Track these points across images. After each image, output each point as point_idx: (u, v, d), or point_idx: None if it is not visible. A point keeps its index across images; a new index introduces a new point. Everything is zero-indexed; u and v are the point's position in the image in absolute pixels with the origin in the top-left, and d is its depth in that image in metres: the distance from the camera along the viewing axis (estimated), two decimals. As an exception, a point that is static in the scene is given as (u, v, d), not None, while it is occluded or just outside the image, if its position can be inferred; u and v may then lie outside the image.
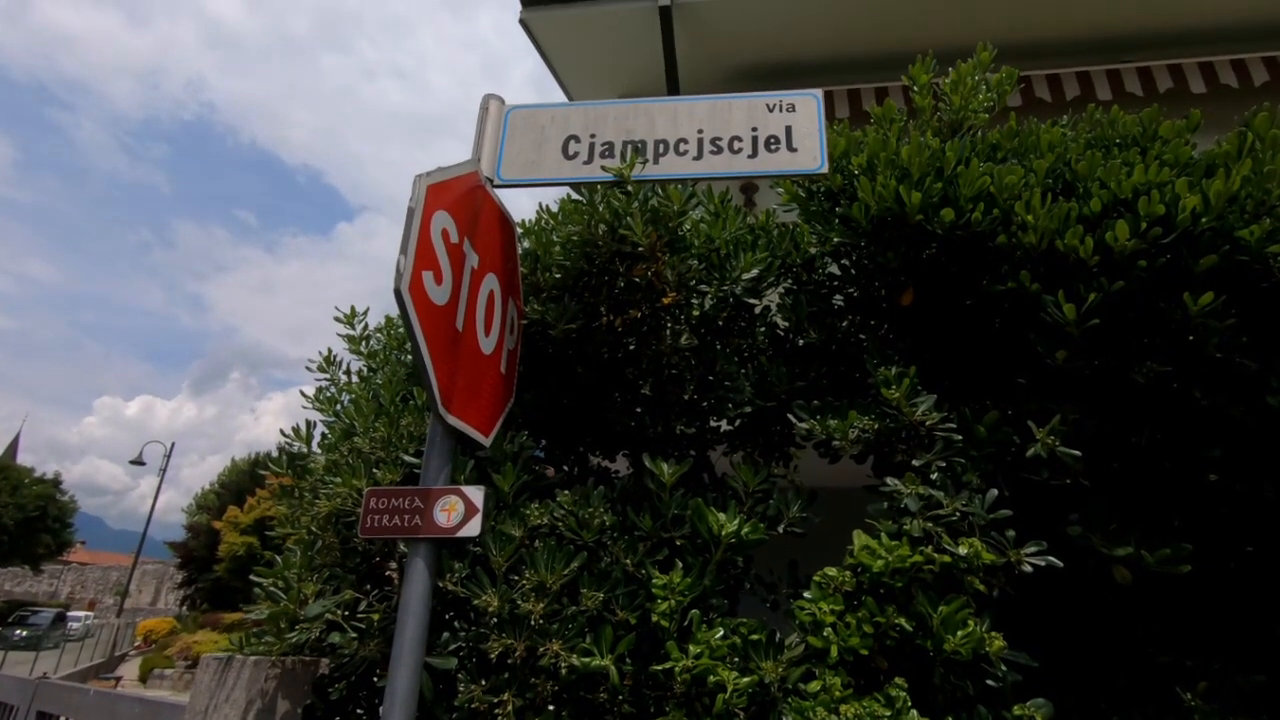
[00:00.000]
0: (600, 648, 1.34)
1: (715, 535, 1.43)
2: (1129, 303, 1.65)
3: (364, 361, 2.66)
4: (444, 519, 1.42)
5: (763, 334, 2.25)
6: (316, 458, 2.17)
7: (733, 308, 2.23)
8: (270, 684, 1.60)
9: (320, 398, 2.45)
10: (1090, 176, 1.81)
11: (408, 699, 1.30)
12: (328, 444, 2.23)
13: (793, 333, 2.26)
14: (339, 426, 2.26)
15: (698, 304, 2.13)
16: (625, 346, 2.02)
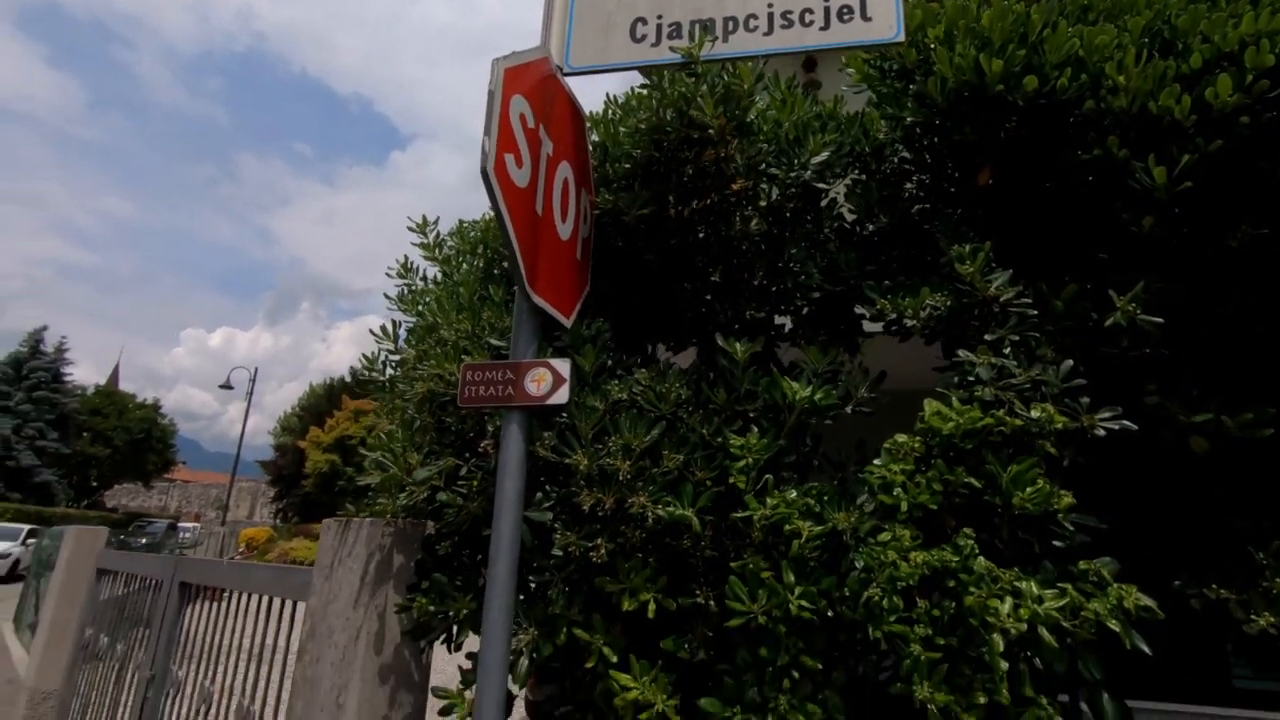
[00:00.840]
0: (683, 501, 1.45)
1: (789, 401, 1.51)
2: (1225, 164, 1.57)
3: (439, 267, 2.79)
4: (534, 388, 1.54)
5: (830, 225, 2.24)
6: (407, 350, 2.32)
7: (800, 197, 2.22)
8: (386, 540, 1.80)
9: (403, 298, 2.60)
10: (1191, 31, 1.69)
11: (511, 545, 1.45)
12: (413, 340, 2.38)
13: (861, 221, 2.25)
14: (423, 324, 2.40)
15: (766, 191, 2.13)
16: (694, 234, 2.05)
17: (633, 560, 1.46)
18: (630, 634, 1.48)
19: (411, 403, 2.03)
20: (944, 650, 1.33)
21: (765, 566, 1.38)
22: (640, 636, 1.47)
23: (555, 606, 1.49)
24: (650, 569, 1.46)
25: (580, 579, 1.53)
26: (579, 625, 1.48)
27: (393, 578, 1.78)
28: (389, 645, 1.75)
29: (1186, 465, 1.73)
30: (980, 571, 1.35)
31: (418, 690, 1.80)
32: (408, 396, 1.97)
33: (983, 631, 1.32)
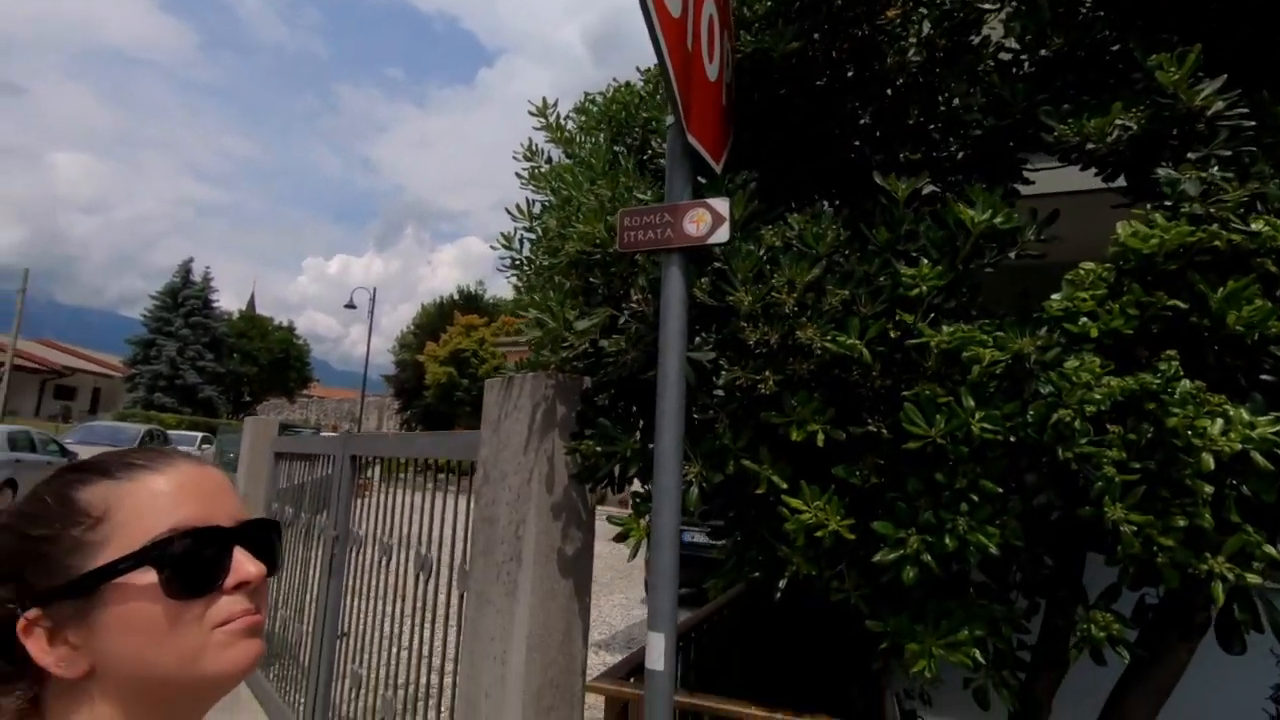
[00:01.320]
0: (850, 332, 1.43)
1: (965, 226, 1.42)
2: None
3: (563, 148, 2.79)
4: (693, 229, 1.54)
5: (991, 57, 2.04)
6: (548, 221, 2.38)
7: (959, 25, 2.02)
8: (549, 392, 1.91)
9: (535, 176, 2.63)
10: None
11: (677, 380, 1.49)
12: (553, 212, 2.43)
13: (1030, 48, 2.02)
14: (559, 199, 2.43)
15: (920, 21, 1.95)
16: (843, 74, 1.93)
17: (800, 393, 1.47)
18: (797, 465, 1.51)
19: (558, 267, 2.09)
20: (1140, 474, 1.28)
21: (943, 393, 1.35)
22: (807, 467, 1.50)
23: (722, 439, 1.54)
24: (817, 401, 1.46)
25: (745, 414, 1.56)
26: (746, 457, 1.53)
27: (557, 426, 1.90)
28: (558, 486, 1.89)
29: None
30: (1185, 392, 1.26)
31: (586, 529, 1.94)
32: (559, 256, 2.02)
33: (1186, 455, 1.25)
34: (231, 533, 0.58)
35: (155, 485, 0.55)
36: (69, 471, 0.57)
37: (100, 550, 0.52)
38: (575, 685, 1.89)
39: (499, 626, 1.89)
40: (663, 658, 1.42)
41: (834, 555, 1.50)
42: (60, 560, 0.51)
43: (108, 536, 0.52)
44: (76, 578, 0.51)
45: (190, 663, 0.54)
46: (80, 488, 0.54)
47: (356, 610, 3.37)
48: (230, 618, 0.56)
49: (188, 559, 0.54)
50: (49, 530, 0.51)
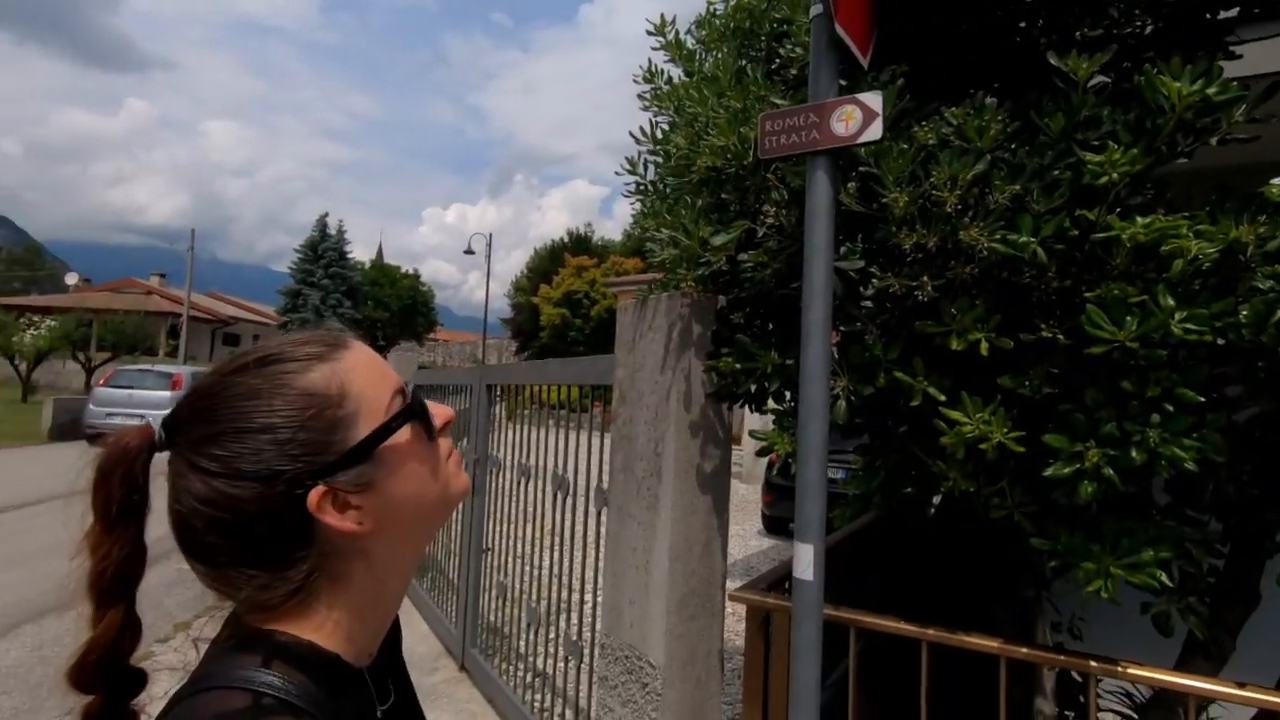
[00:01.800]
0: (1021, 230, 1.31)
1: (1166, 101, 1.24)
2: None
3: (683, 65, 2.69)
4: (841, 128, 1.44)
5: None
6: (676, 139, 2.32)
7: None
8: (684, 311, 1.90)
9: (656, 96, 2.56)
10: None
11: (824, 289, 1.43)
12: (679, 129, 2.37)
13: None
14: (685, 116, 2.36)
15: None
16: (1009, -57, 1.71)
17: (961, 300, 1.37)
18: (956, 377, 1.42)
19: (688, 185, 2.04)
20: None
21: (1134, 292, 1.22)
22: (967, 379, 1.41)
23: (873, 350, 1.48)
24: (980, 308, 1.36)
25: (898, 324, 1.49)
26: (898, 369, 1.46)
27: (693, 345, 1.89)
28: (695, 404, 1.90)
29: None
30: None
31: (723, 446, 1.95)
32: (688, 174, 1.97)
33: None
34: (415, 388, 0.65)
35: (359, 358, 0.60)
36: (261, 365, 0.57)
37: (355, 421, 0.56)
38: (716, 595, 1.94)
39: (641, 538, 1.96)
40: (811, 568, 1.41)
41: (996, 470, 1.42)
42: (325, 439, 0.55)
43: (356, 410, 0.57)
44: (352, 448, 0.55)
45: (445, 490, 0.63)
46: (301, 376, 0.57)
47: (497, 529, 3.62)
48: (450, 451, 0.65)
49: (420, 410, 0.61)
50: (301, 418, 0.55)
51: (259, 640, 0.53)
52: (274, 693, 0.48)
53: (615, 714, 2.03)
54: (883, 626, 1.61)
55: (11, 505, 7.91)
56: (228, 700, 0.47)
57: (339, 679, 0.55)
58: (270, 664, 0.51)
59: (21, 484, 9.06)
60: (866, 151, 1.54)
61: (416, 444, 0.60)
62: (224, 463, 0.52)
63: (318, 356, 0.59)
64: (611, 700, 2.05)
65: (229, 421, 0.53)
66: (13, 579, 5.35)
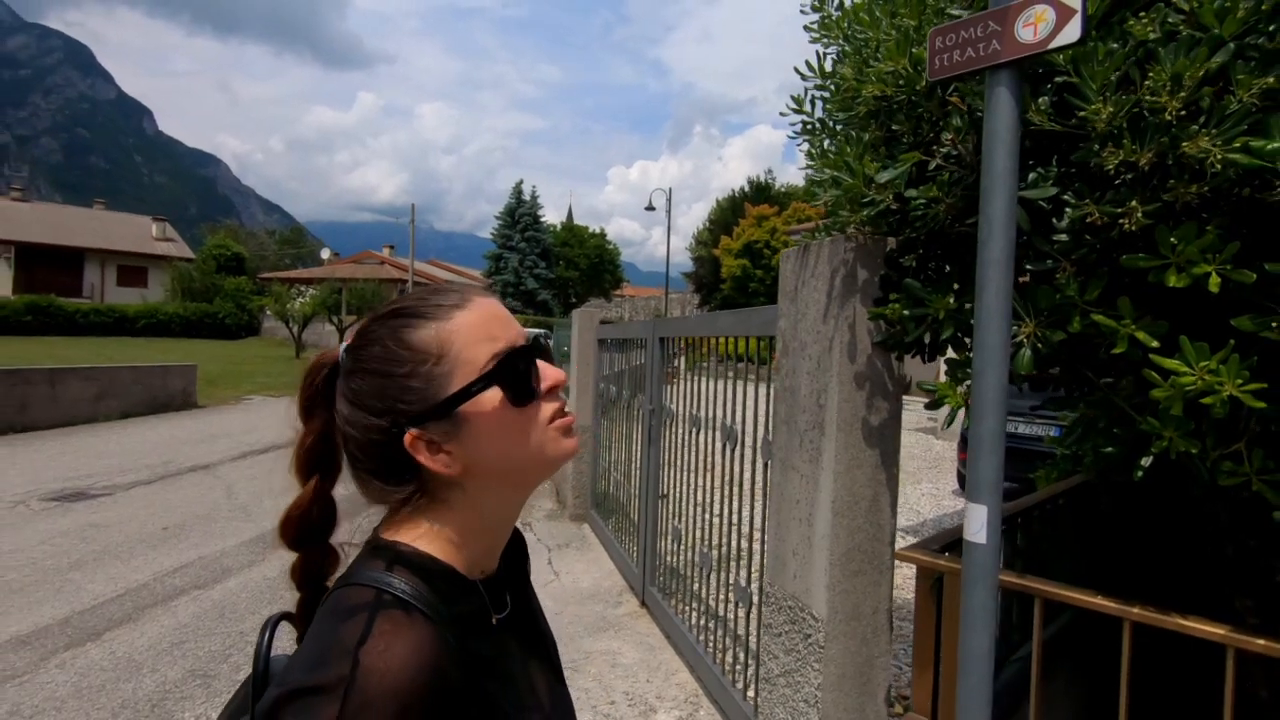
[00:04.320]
0: (1275, 134, 1.05)
1: None
2: None
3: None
4: (1029, 34, 1.24)
5: None
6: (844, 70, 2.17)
7: None
8: (849, 255, 1.80)
9: (825, 23, 2.39)
10: None
11: (1006, 224, 1.27)
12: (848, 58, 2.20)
13: None
14: (853, 44, 2.18)
15: None
16: None
17: (1184, 226, 1.15)
18: (1175, 320, 1.20)
19: (856, 116, 1.90)
20: None
21: None
22: (1190, 323, 1.19)
23: (1067, 290, 1.29)
24: (1211, 234, 1.13)
25: (1098, 259, 1.28)
26: (1098, 311, 1.26)
27: (859, 291, 1.79)
28: (860, 355, 1.80)
29: None
30: None
31: (892, 399, 1.84)
32: (855, 105, 1.83)
33: None
34: (530, 349, 0.68)
35: (469, 319, 0.66)
36: (392, 317, 0.67)
37: (449, 379, 0.64)
38: (884, 553, 1.86)
39: (804, 491, 1.93)
40: (985, 529, 1.30)
41: (1228, 429, 1.19)
42: (422, 391, 0.63)
43: (451, 369, 0.64)
44: (438, 403, 0.63)
45: (538, 452, 0.67)
46: (413, 332, 0.65)
47: (673, 477, 3.76)
48: (554, 414, 0.68)
49: (514, 374, 0.65)
50: (405, 369, 0.63)
51: (387, 549, 0.63)
52: (392, 590, 0.58)
53: (780, 661, 2.05)
54: (1076, 599, 1.44)
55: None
56: (359, 595, 0.57)
57: (452, 585, 0.63)
58: (393, 568, 0.60)
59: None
60: (1064, 58, 1.32)
61: (504, 407, 0.64)
62: (355, 394, 0.64)
63: (430, 315, 0.66)
64: (776, 647, 2.07)
65: (361, 362, 0.65)
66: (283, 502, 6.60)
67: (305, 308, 25.64)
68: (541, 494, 6.88)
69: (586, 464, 5.84)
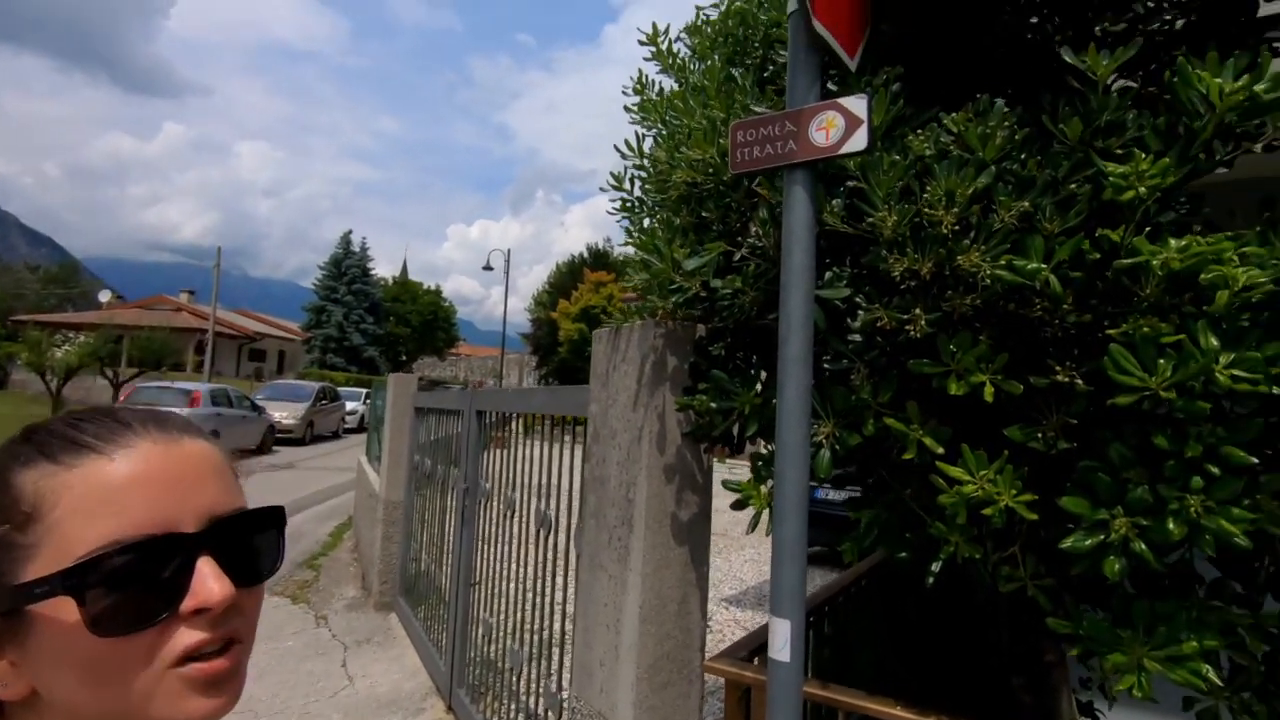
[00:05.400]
0: (1031, 255, 1.11)
1: (1208, 99, 1.04)
2: None
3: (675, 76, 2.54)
4: (821, 138, 1.26)
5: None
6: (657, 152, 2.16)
7: None
8: (658, 342, 1.72)
9: (645, 106, 2.41)
10: None
11: (804, 321, 1.24)
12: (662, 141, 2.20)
13: None
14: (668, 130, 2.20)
15: None
16: (1017, -70, 1.52)
17: (960, 335, 1.17)
18: (957, 425, 1.22)
19: (669, 200, 1.87)
20: None
21: (1168, 329, 1.01)
22: (971, 428, 1.21)
23: (860, 393, 1.28)
24: (984, 345, 1.16)
25: (888, 362, 1.29)
26: (890, 414, 1.26)
27: (668, 379, 1.71)
28: (670, 445, 1.71)
29: None
30: None
31: (702, 492, 1.76)
32: (667, 189, 1.80)
33: None
34: (197, 539, 0.44)
35: (102, 475, 0.42)
36: (24, 440, 0.46)
37: (30, 557, 0.41)
38: (694, 660, 1.74)
39: (611, 594, 1.77)
40: (789, 647, 1.21)
41: (1006, 536, 1.21)
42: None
43: (39, 540, 0.41)
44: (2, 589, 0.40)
45: (140, 709, 0.42)
46: (18, 469, 0.43)
47: (487, 560, 3.45)
48: (188, 652, 0.43)
49: (125, 582, 0.41)
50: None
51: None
52: None
53: (585, 787, 1.83)
54: (875, 711, 1.39)
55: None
56: None
57: None
58: None
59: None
60: (854, 164, 1.36)
61: (80, 634, 0.40)
62: None
63: (50, 450, 0.43)
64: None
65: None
66: None
67: (70, 357, 21.77)
68: (344, 580, 6.12)
69: (397, 545, 5.29)
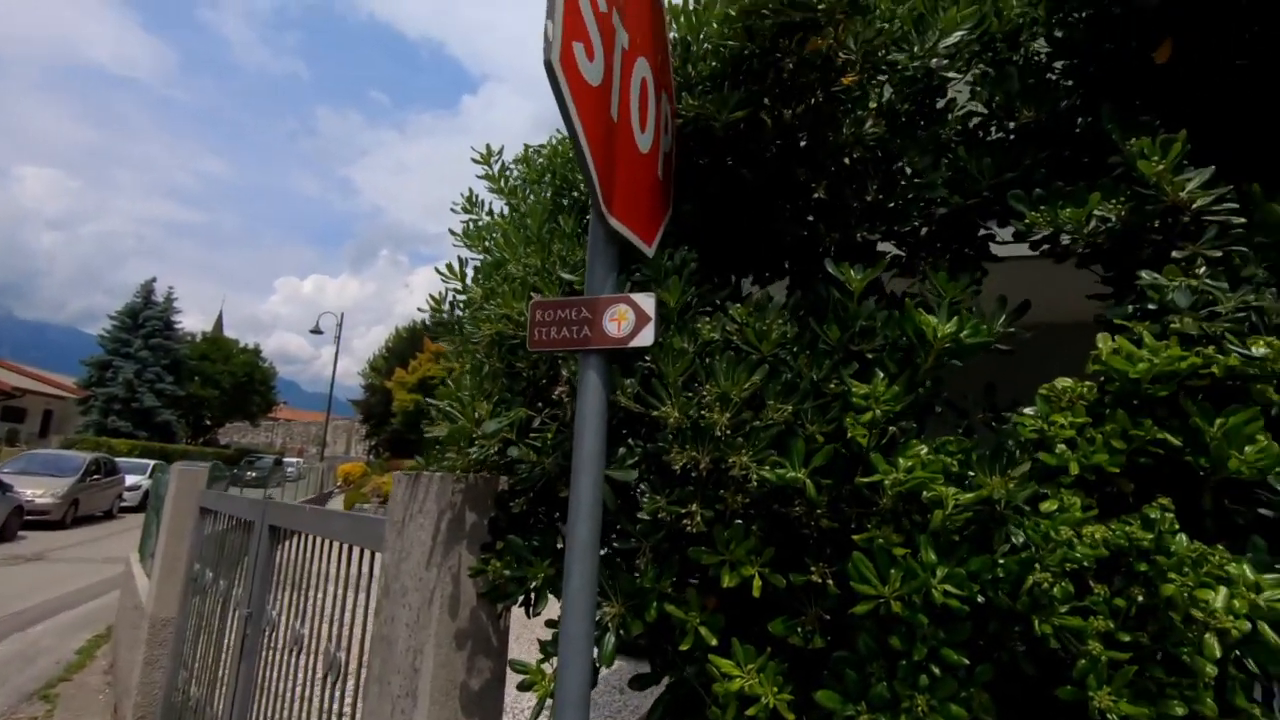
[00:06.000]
0: (792, 460, 1.21)
1: (926, 339, 1.22)
2: None
3: (505, 199, 2.58)
4: (614, 329, 1.31)
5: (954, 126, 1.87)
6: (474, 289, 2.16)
7: (919, 95, 1.86)
8: (457, 497, 1.66)
9: (469, 233, 2.41)
10: None
11: (592, 507, 1.26)
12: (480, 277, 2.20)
13: (996, 118, 1.86)
14: (489, 260, 2.22)
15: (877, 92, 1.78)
16: (795, 144, 1.74)
17: (733, 529, 1.25)
18: (731, 613, 1.28)
19: (479, 346, 1.85)
20: (1130, 648, 1.07)
21: (898, 541, 1.13)
22: (744, 616, 1.27)
23: (644, 579, 1.30)
24: (754, 539, 1.24)
25: (671, 548, 1.33)
26: (671, 600, 1.29)
27: (466, 536, 1.64)
28: (464, 608, 1.63)
29: None
30: (1182, 553, 1.06)
31: (496, 656, 1.68)
32: (475, 339, 1.79)
33: (1185, 628, 1.04)
34: None
35: None
36: None
37: None
38: (478, 847, 1.61)
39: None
40: None
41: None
42: None
43: None
44: None
45: None
46: None
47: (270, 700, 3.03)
48: None
49: None
50: None
51: None
52: None
53: None
54: None
55: None
56: None
57: None
58: None
59: None
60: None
61: None
62: None
63: None
64: None
65: None
66: None
67: None
68: (89, 712, 5.10)
69: (163, 672, 4.52)
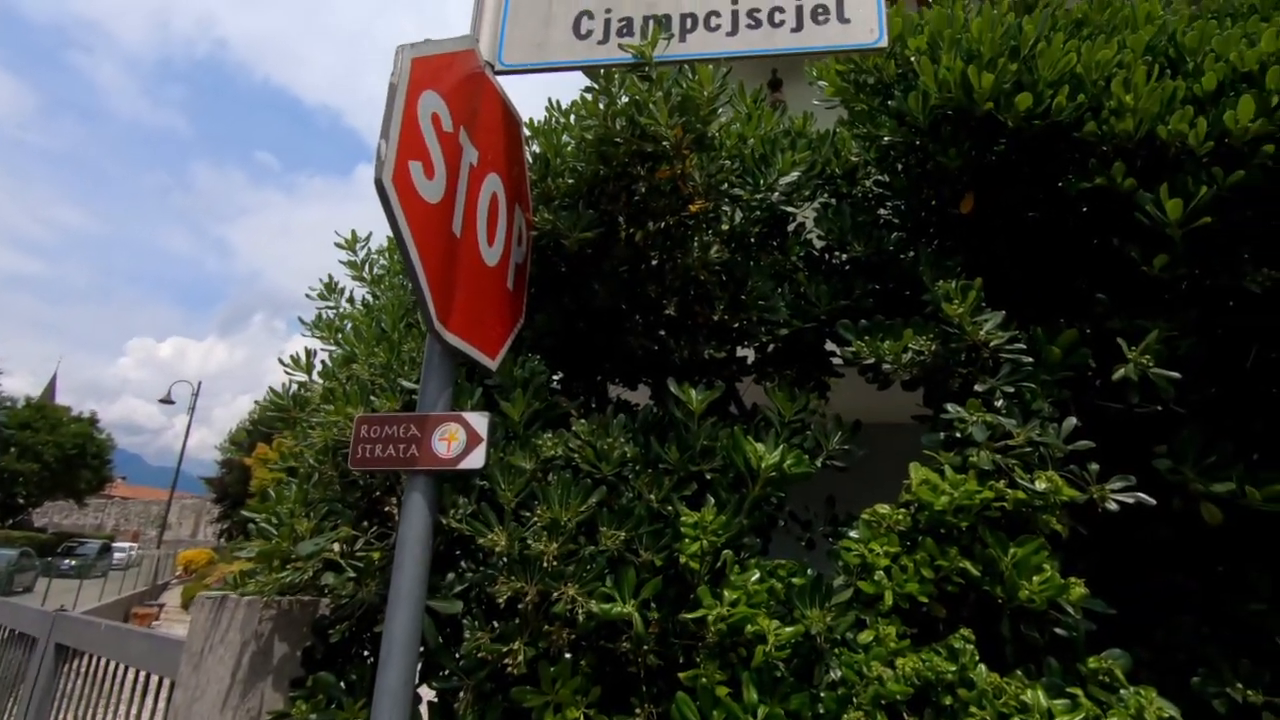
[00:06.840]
0: (622, 592, 1.18)
1: (753, 468, 1.25)
2: (1246, 198, 1.39)
3: (367, 288, 2.49)
4: (443, 449, 1.25)
5: (798, 251, 2.02)
6: (315, 386, 2.02)
7: (766, 221, 2.00)
8: (265, 625, 1.49)
9: (320, 323, 2.28)
10: (1200, 50, 1.52)
11: (408, 645, 1.15)
12: (327, 372, 2.08)
13: (832, 249, 2.03)
14: (339, 354, 2.10)
15: (728, 215, 1.90)
16: (647, 262, 1.80)
17: (560, 665, 1.18)
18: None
19: (310, 452, 1.72)
20: (940, 784, 1.08)
21: (722, 679, 1.11)
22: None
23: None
24: (581, 678, 1.18)
25: (495, 688, 1.24)
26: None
27: (273, 672, 1.46)
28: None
29: (1195, 537, 1.52)
30: (982, 685, 1.10)
31: (300, 810, 1.47)
32: (307, 444, 1.66)
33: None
34: None
35: None
36: None
37: None
38: None
39: None
40: None
41: None
42: None
43: None
44: None
45: None
46: None
47: None
48: None
49: None
50: None
51: None
52: None
53: None
54: None
55: None
56: None
57: None
58: None
59: None
60: (486, 462, 1.37)
61: None
62: None
63: None
64: None
65: None
66: None
67: None
68: None
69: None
